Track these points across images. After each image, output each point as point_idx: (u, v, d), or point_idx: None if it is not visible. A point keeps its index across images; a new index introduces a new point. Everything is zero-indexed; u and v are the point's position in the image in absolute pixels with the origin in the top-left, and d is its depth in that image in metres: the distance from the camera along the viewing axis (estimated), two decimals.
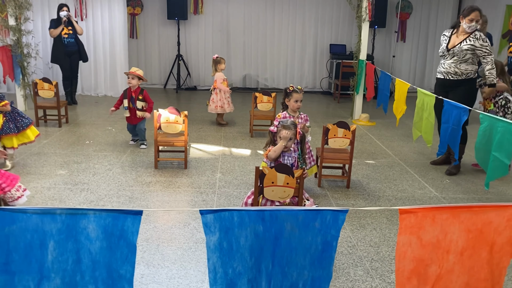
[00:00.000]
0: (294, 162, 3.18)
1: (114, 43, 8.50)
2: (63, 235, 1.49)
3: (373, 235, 3.37)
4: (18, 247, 1.49)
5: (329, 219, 1.57)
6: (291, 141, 3.12)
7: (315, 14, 9.56)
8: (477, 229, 1.63)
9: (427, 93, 4.33)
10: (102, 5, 8.37)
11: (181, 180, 4.34)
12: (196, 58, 9.69)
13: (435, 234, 1.63)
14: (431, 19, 9.76)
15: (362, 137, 6.13)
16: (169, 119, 4.54)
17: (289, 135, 3.09)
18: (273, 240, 1.59)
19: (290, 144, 3.13)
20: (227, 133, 6.14)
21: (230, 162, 4.92)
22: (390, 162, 5.12)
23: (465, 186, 4.45)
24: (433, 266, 1.72)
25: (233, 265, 1.62)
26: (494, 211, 1.60)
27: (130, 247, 1.53)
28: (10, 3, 6.45)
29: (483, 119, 3.43)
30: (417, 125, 4.51)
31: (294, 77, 9.79)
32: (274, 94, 5.99)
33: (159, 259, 2.93)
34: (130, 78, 5.08)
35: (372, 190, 4.27)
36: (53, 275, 1.52)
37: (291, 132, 3.10)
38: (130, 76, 5.07)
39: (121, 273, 1.54)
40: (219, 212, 1.53)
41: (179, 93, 9.18)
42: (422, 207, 1.56)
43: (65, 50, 7.25)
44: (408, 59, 9.97)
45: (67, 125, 6.27)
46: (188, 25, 9.49)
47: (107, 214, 1.49)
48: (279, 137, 3.12)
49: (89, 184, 4.14)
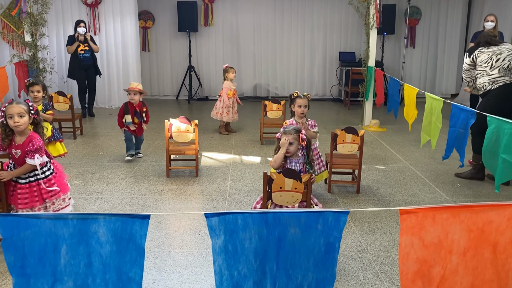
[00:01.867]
0: (302, 168, 3.18)
1: (127, 56, 8.68)
2: (75, 239, 1.56)
3: (382, 239, 3.38)
4: (32, 251, 1.56)
5: (331, 221, 1.61)
6: (292, 145, 3.09)
7: (323, 23, 9.63)
8: (478, 229, 1.65)
9: (435, 97, 4.34)
10: (115, 19, 8.58)
11: (192, 188, 4.41)
12: (207, 69, 9.83)
13: (437, 234, 1.66)
14: (441, 24, 9.74)
15: (373, 143, 6.13)
16: (180, 128, 4.63)
17: (287, 141, 3.05)
18: (276, 243, 1.64)
19: (293, 149, 3.11)
20: (238, 141, 6.21)
21: (241, 169, 4.97)
22: (400, 167, 5.12)
23: (476, 189, 4.43)
24: (437, 267, 1.74)
25: (238, 268, 1.66)
26: (494, 210, 1.62)
27: (139, 250, 1.59)
28: (26, 20, 6.66)
29: (491, 122, 3.43)
30: (426, 130, 4.52)
31: (304, 85, 9.84)
32: (284, 102, 6.06)
33: (171, 264, 2.99)
34: (132, 94, 5.01)
35: (382, 195, 4.28)
36: (66, 278, 1.59)
37: (291, 137, 3.07)
38: (132, 92, 5.02)
39: (130, 276, 1.60)
40: (223, 215, 1.58)
41: (191, 103, 9.31)
42: (422, 207, 1.59)
43: (81, 65, 7.46)
44: (418, 65, 9.96)
45: (82, 136, 6.41)
46: (198, 37, 9.64)
47: (116, 219, 1.56)
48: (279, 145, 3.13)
49: (103, 193, 4.24)
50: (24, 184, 2.96)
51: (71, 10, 8.51)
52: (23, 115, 2.86)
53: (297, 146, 3.14)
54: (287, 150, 3.10)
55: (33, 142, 2.92)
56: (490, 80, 4.38)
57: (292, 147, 3.10)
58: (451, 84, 10.05)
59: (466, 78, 4.69)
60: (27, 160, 2.92)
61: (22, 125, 2.86)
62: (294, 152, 3.15)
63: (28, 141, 2.93)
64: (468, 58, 4.56)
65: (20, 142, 2.93)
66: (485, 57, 4.39)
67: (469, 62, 4.55)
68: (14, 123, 2.84)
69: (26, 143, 2.92)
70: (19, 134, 2.93)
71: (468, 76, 4.65)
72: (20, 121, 2.85)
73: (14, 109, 2.84)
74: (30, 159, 2.91)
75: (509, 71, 4.34)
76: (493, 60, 4.32)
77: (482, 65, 4.42)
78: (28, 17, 6.66)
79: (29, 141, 2.93)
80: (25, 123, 2.88)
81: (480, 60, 4.44)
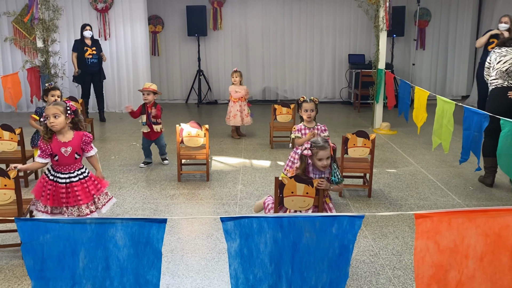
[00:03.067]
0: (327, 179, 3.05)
1: (137, 60, 8.76)
2: (93, 243, 1.58)
3: (395, 243, 3.36)
4: (51, 255, 1.59)
5: (346, 225, 1.62)
6: (328, 160, 2.95)
7: (332, 25, 9.63)
8: (494, 233, 1.64)
9: (447, 100, 4.32)
10: (125, 24, 8.66)
11: (203, 192, 4.43)
12: (216, 73, 9.88)
13: (452, 239, 1.65)
14: (451, 26, 9.69)
15: (383, 146, 6.11)
16: (191, 133, 4.65)
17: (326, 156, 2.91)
18: (291, 246, 1.65)
19: (327, 164, 2.96)
20: (247, 145, 6.22)
21: (251, 173, 4.98)
22: (412, 170, 5.09)
23: (489, 193, 4.39)
24: (453, 271, 1.73)
25: (253, 271, 1.67)
26: (511, 214, 1.61)
27: (156, 253, 1.61)
28: (38, 26, 6.75)
29: (504, 125, 3.41)
30: (437, 133, 4.49)
31: (313, 88, 9.85)
32: (293, 105, 6.06)
33: (184, 269, 3.00)
34: (146, 94, 5.02)
35: (394, 198, 4.26)
36: (84, 281, 1.61)
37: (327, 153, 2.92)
38: (146, 92, 5.04)
39: (147, 279, 1.62)
40: (239, 219, 1.60)
41: (201, 107, 9.35)
42: (437, 211, 1.59)
43: (87, 70, 7.52)
44: (429, 67, 9.91)
45: (93, 141, 6.45)
46: (208, 41, 9.69)
47: (133, 223, 1.58)
48: (318, 160, 2.93)
49: (115, 197, 4.26)
50: (76, 182, 3.03)
51: (81, 16, 8.62)
52: (57, 115, 2.93)
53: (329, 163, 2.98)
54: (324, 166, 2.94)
55: (86, 134, 3.06)
56: (490, 81, 4.37)
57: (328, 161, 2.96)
58: (461, 86, 9.98)
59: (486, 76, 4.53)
60: (90, 153, 3.08)
61: (57, 125, 2.94)
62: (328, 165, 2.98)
63: (80, 136, 3.03)
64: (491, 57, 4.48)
65: (66, 140, 2.99)
66: (493, 58, 4.37)
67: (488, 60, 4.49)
68: (50, 123, 2.93)
69: (76, 139, 3.01)
70: (60, 133, 2.99)
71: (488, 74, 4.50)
72: (55, 122, 2.93)
73: (49, 111, 2.94)
74: (91, 151, 3.08)
75: (507, 75, 4.27)
76: (496, 61, 4.29)
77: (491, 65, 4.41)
78: (40, 23, 6.75)
79: (81, 136, 3.03)
80: (61, 123, 2.95)
81: (489, 61, 4.43)
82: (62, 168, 3.01)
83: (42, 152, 2.98)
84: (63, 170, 3.02)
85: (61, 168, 3.01)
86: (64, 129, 2.99)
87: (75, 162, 3.03)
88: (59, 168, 3.02)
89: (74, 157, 3.01)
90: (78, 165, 3.07)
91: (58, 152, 2.97)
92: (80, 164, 3.08)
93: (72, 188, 3.00)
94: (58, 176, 3.01)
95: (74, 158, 3.01)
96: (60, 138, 2.99)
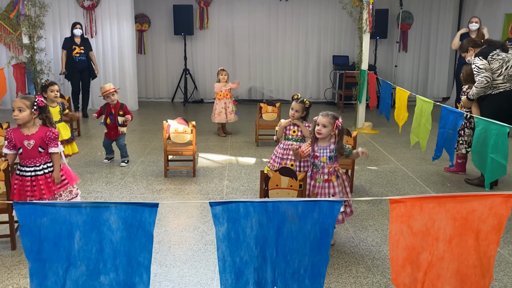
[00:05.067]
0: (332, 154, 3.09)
1: (123, 58, 8.79)
2: (88, 226, 1.67)
3: (374, 235, 3.51)
4: (48, 237, 1.67)
5: (326, 209, 1.73)
6: (326, 128, 3.03)
7: (317, 27, 9.81)
8: (462, 217, 1.78)
9: (426, 100, 4.49)
10: (111, 22, 8.69)
11: (190, 188, 4.52)
12: (202, 72, 9.96)
13: (424, 223, 1.79)
14: (432, 29, 9.96)
15: (366, 145, 6.28)
16: (178, 129, 4.74)
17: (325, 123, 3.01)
18: (276, 230, 1.76)
19: (325, 132, 3.03)
20: (233, 142, 6.32)
21: (237, 170, 5.09)
22: (392, 168, 5.26)
23: (465, 189, 4.58)
24: (424, 253, 1.87)
25: (240, 254, 1.78)
26: (477, 200, 1.75)
27: (148, 236, 1.70)
28: (24, 22, 6.74)
29: (478, 123, 3.58)
30: (415, 131, 4.67)
31: (298, 88, 9.99)
32: (279, 104, 6.19)
33: (171, 259, 3.09)
34: (111, 95, 4.95)
35: (374, 194, 4.41)
36: (79, 262, 1.70)
37: (327, 120, 3.01)
38: (110, 94, 4.95)
39: (139, 261, 1.71)
40: (226, 204, 1.70)
41: (186, 106, 9.42)
42: (410, 197, 1.72)
43: (75, 67, 7.63)
44: (411, 68, 10.16)
45: (79, 137, 6.49)
46: (194, 40, 9.77)
47: (126, 207, 1.67)
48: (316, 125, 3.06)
49: (102, 192, 4.33)
50: (41, 175, 3.05)
51: (68, 13, 8.61)
52: (22, 109, 2.96)
53: (330, 132, 3.06)
54: (319, 131, 3.04)
55: (51, 130, 3.05)
56: (493, 85, 4.46)
57: (324, 130, 3.03)
58: (442, 88, 10.26)
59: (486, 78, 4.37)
60: (53, 149, 3.06)
61: (20, 119, 2.98)
62: (326, 136, 3.07)
63: (45, 131, 3.03)
64: (484, 60, 4.41)
65: (29, 133, 3.02)
66: (496, 64, 4.43)
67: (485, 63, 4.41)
68: (13, 116, 2.98)
69: (40, 132, 3.03)
70: (25, 126, 3.02)
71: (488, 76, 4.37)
72: (18, 115, 2.97)
73: (15, 103, 2.98)
74: (54, 147, 3.06)
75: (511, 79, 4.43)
76: (503, 67, 4.42)
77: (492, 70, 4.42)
78: (26, 20, 6.74)
79: (45, 130, 3.04)
80: (23, 118, 2.97)
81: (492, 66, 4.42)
82: (27, 161, 3.03)
83: (7, 143, 3.03)
84: (28, 164, 3.04)
85: (26, 161, 3.04)
86: (30, 123, 3.02)
87: (40, 156, 3.04)
88: (24, 162, 3.05)
89: (38, 151, 3.02)
90: (44, 159, 3.07)
91: (21, 144, 3.00)
92: (46, 158, 3.08)
93: (38, 181, 3.03)
94: (24, 170, 3.04)
95: (38, 152, 3.02)
96: (24, 131, 3.01)
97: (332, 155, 3.10)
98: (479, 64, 4.40)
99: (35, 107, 3.00)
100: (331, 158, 3.10)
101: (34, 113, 3.01)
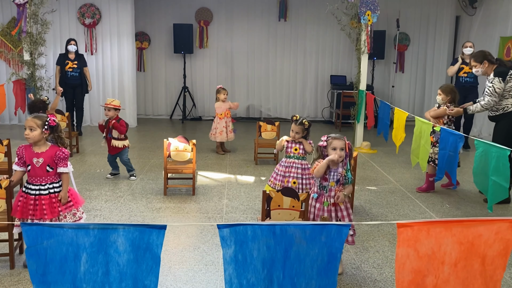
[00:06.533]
0: (340, 178, 3.04)
1: (123, 76, 8.84)
2: (95, 248, 1.66)
3: (376, 257, 3.50)
4: (54, 259, 1.65)
5: (334, 233, 1.74)
6: (343, 151, 2.97)
7: (316, 47, 9.93)
8: (468, 242, 1.79)
9: (425, 121, 4.53)
10: (112, 40, 8.76)
11: (189, 206, 4.50)
12: (201, 90, 10.02)
13: (430, 246, 1.79)
14: (429, 50, 10.10)
15: (364, 164, 6.30)
16: (178, 147, 4.74)
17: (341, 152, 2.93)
18: (283, 253, 1.75)
19: (342, 155, 2.97)
20: (232, 161, 6.33)
21: (236, 188, 5.08)
22: (391, 188, 5.28)
23: (464, 210, 4.59)
24: (430, 276, 1.87)
25: (247, 276, 1.77)
26: (483, 225, 1.76)
27: (155, 259, 1.69)
28: (26, 39, 6.79)
29: (478, 145, 3.61)
30: (415, 152, 4.70)
31: (296, 107, 10.06)
32: (278, 123, 6.22)
33: (172, 280, 3.06)
34: (107, 110, 5.04)
35: (374, 214, 4.41)
36: (84, 285, 1.68)
37: (342, 143, 2.96)
38: (106, 108, 5.05)
39: (146, 284, 1.70)
40: (234, 227, 1.70)
41: (185, 123, 9.44)
42: (417, 221, 1.73)
43: (68, 83, 7.56)
44: (407, 89, 10.27)
45: (78, 154, 6.48)
46: (193, 58, 9.85)
47: (134, 229, 1.66)
48: (332, 149, 2.96)
49: (102, 210, 4.31)
50: (45, 195, 3.03)
51: (69, 30, 8.68)
52: (33, 129, 2.97)
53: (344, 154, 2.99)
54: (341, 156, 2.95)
55: (61, 150, 3.05)
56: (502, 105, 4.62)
57: (343, 153, 2.97)
58: None
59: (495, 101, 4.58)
60: (62, 169, 3.04)
61: (31, 138, 2.99)
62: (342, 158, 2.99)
63: (54, 151, 3.03)
64: (502, 83, 4.54)
65: (40, 151, 3.02)
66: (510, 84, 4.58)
67: (501, 87, 4.55)
68: (25, 135, 2.99)
69: (50, 151, 3.02)
70: (36, 144, 3.03)
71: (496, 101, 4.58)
72: (29, 134, 2.98)
73: (27, 122, 3.00)
74: (64, 167, 3.04)
75: None
76: None
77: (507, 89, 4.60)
78: (28, 37, 6.79)
79: (56, 149, 3.04)
80: (34, 137, 2.99)
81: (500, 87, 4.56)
82: (34, 179, 3.02)
83: (18, 159, 3.03)
84: (34, 182, 3.02)
85: (33, 179, 3.02)
86: (41, 142, 3.03)
87: (47, 175, 3.02)
88: (31, 179, 3.03)
89: (46, 170, 3.00)
90: (52, 179, 3.05)
91: (30, 162, 2.99)
92: (53, 178, 3.05)
93: (40, 201, 3.01)
94: (30, 188, 3.02)
95: (45, 171, 3.00)
96: (35, 149, 3.02)
97: (339, 178, 3.06)
98: (496, 87, 4.57)
99: (46, 127, 3.01)
100: (338, 181, 3.07)
101: (45, 133, 3.01)
